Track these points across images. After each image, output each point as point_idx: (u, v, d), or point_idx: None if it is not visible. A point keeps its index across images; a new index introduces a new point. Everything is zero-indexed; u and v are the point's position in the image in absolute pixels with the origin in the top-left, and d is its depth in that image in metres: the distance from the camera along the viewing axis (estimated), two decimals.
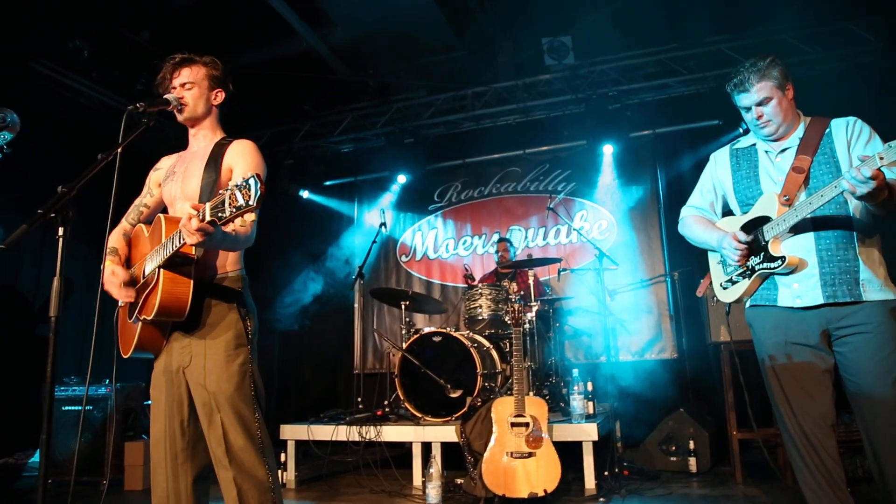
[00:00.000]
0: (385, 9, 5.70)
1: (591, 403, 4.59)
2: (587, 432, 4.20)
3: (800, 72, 5.76)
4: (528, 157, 7.36)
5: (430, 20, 5.88)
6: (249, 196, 1.76)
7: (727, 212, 2.67)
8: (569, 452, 4.09)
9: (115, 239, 2.50)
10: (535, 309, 5.16)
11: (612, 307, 6.12)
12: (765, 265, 2.38)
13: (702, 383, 5.95)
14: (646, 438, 4.98)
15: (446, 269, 7.49)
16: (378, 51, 6.59)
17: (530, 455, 3.78)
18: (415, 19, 5.92)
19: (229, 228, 2.12)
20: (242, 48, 6.28)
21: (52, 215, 2.04)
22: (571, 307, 6.41)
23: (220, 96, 2.53)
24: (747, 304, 2.55)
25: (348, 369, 7.48)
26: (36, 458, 5.55)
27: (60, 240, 2.06)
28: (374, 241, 5.94)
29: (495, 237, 7.21)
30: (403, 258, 7.69)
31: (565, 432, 4.24)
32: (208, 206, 1.89)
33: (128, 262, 2.48)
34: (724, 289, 2.57)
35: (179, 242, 2.06)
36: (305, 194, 7.99)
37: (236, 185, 1.80)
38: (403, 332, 5.29)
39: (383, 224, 6.08)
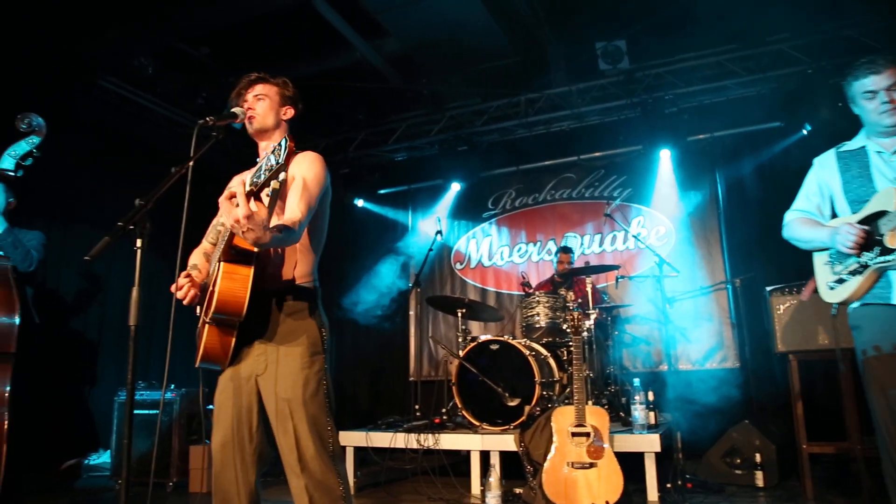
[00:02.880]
0: (438, 18, 5.74)
1: (652, 413, 4.51)
2: (649, 443, 4.12)
3: None
4: (582, 162, 7.29)
5: (483, 28, 5.90)
6: (280, 155, 1.79)
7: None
8: (630, 463, 4.01)
9: (195, 256, 2.56)
10: (593, 317, 5.09)
11: (672, 315, 6.00)
12: (881, 259, 2.28)
13: (766, 394, 5.76)
14: (708, 450, 4.85)
15: (501, 276, 7.47)
16: (431, 59, 6.65)
17: (591, 466, 3.72)
18: (467, 27, 5.95)
19: (284, 220, 2.15)
20: (298, 61, 6.43)
21: (131, 227, 2.12)
22: (629, 315, 6.31)
23: (289, 112, 2.58)
24: (854, 305, 2.45)
25: (403, 376, 7.53)
26: (97, 459, 5.77)
27: (138, 252, 2.11)
28: (431, 250, 5.96)
29: (550, 244, 7.17)
30: (458, 265, 7.71)
31: (627, 443, 4.17)
32: (249, 176, 1.93)
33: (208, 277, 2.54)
34: (832, 289, 2.48)
35: (229, 233, 2.08)
36: (360, 203, 8.11)
37: (271, 150, 1.84)
38: (460, 339, 5.29)
39: (439, 232, 6.09)
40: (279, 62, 6.25)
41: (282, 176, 1.83)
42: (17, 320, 3.19)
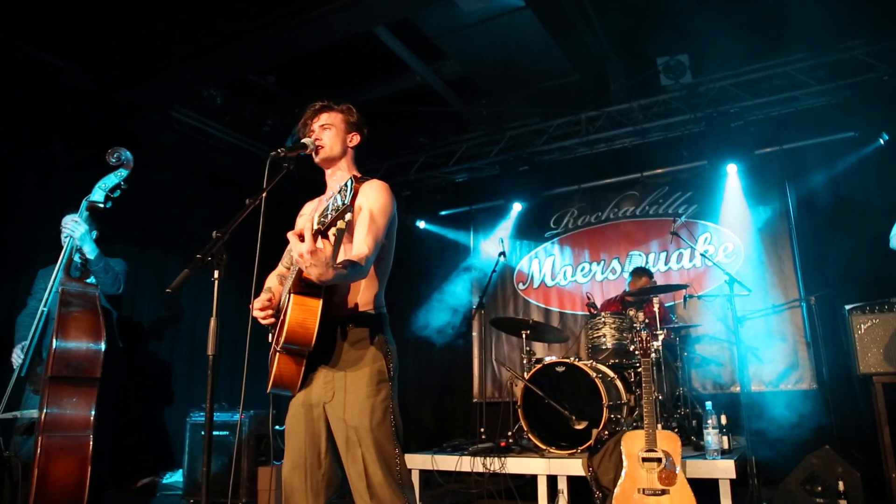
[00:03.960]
0: (496, 39, 5.80)
1: (725, 438, 4.35)
2: (724, 469, 3.98)
3: None
4: (645, 179, 7.17)
5: (542, 47, 5.93)
6: (346, 196, 1.82)
7: None
8: (702, 490, 3.88)
9: (270, 280, 2.63)
10: (661, 337, 4.97)
11: (743, 334, 5.79)
12: None
13: (847, 418, 5.48)
14: (786, 477, 4.63)
15: (565, 296, 7.39)
16: (490, 80, 6.71)
17: (664, 493, 3.62)
18: (526, 47, 5.99)
19: (352, 255, 2.20)
20: (360, 86, 6.60)
21: (209, 259, 2.20)
22: (698, 335, 6.13)
23: (355, 139, 2.64)
24: None
25: (467, 398, 7.52)
26: (170, 478, 5.95)
27: (216, 282, 2.18)
28: (494, 271, 5.96)
29: (615, 263, 7.06)
30: (521, 286, 7.67)
31: (699, 468, 4.04)
32: (316, 215, 1.97)
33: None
34: None
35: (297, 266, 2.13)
36: (422, 224, 8.18)
37: (339, 190, 1.87)
38: (524, 361, 5.25)
39: (503, 253, 6.08)
40: (341, 89, 6.43)
41: (348, 216, 1.87)
42: (102, 346, 3.35)
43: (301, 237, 1.96)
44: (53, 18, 4.89)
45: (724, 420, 4.40)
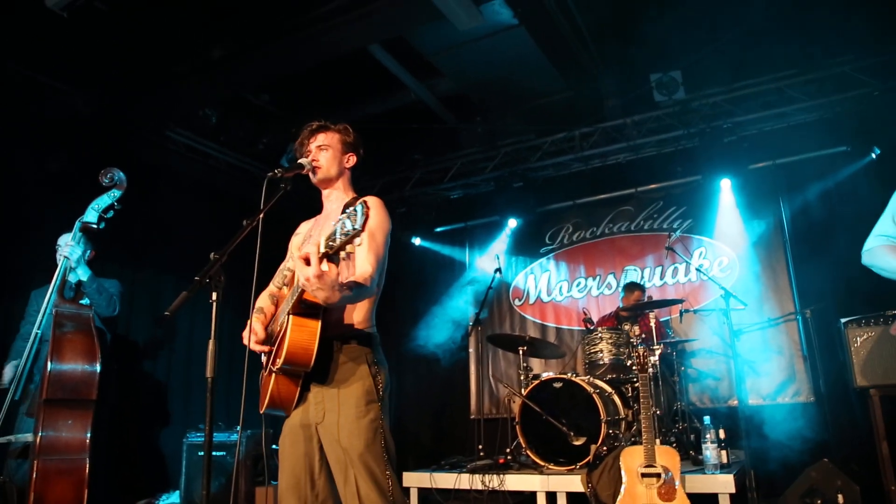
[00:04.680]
0: (489, 57, 5.84)
1: (724, 452, 4.35)
2: (723, 483, 3.97)
3: None
4: (640, 195, 7.20)
5: (535, 65, 5.96)
6: (356, 220, 1.83)
7: None
8: None
9: (262, 300, 2.63)
10: (657, 352, 4.98)
11: (739, 348, 5.80)
12: None
13: (845, 430, 5.48)
14: (785, 490, 4.62)
15: (561, 311, 7.38)
16: (484, 97, 6.75)
17: None
18: (519, 65, 6.02)
19: (357, 276, 2.20)
20: (354, 104, 6.62)
21: (207, 281, 2.20)
22: (694, 349, 6.14)
23: (352, 160, 2.66)
24: None
25: (465, 415, 7.48)
26: (167, 499, 5.88)
27: (214, 305, 2.18)
28: (490, 287, 5.96)
29: (610, 278, 7.08)
30: (517, 301, 7.67)
31: (698, 483, 4.03)
32: (323, 238, 1.96)
33: (272, 320, 2.61)
34: None
35: (300, 288, 2.12)
36: (417, 241, 8.19)
37: (346, 214, 1.87)
38: (522, 377, 5.24)
39: (499, 269, 6.09)
40: (336, 106, 6.46)
41: (358, 241, 1.88)
42: (98, 368, 3.33)
43: (307, 261, 1.97)
44: (48, 40, 4.91)
45: (722, 434, 4.40)
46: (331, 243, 1.93)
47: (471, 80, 6.33)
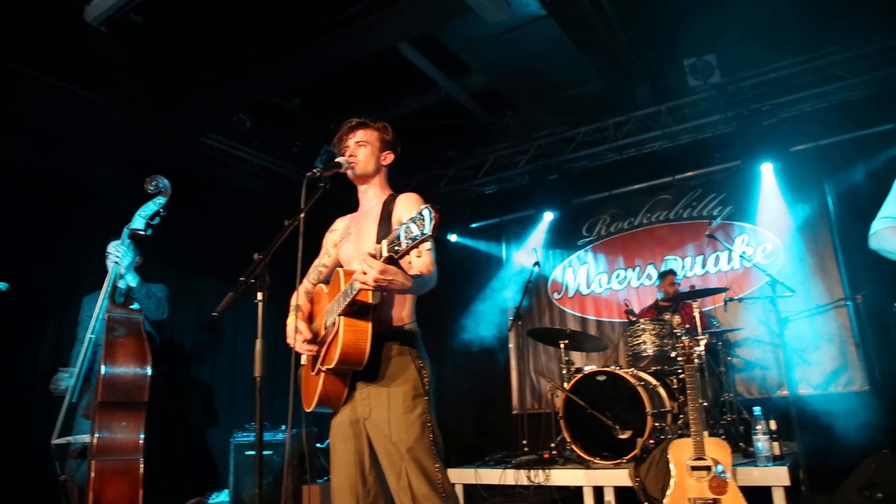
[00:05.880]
0: (518, 49, 5.78)
1: (776, 444, 4.24)
2: (777, 476, 3.87)
3: None
4: (677, 183, 7.07)
5: (565, 55, 5.88)
6: (423, 225, 1.81)
7: None
8: (755, 498, 3.78)
9: (298, 297, 2.65)
10: (702, 342, 4.88)
11: (787, 336, 5.65)
12: None
13: None
14: (842, 483, 4.48)
15: (601, 304, 7.30)
16: (515, 90, 6.70)
17: (715, 501, 3.53)
18: (549, 56, 5.95)
19: (414, 270, 2.21)
20: (384, 103, 6.64)
21: (252, 281, 2.23)
22: (739, 338, 6.02)
23: (389, 157, 2.67)
24: None
25: (506, 410, 7.46)
26: (217, 498, 5.99)
27: (260, 304, 2.22)
28: (529, 281, 5.92)
29: (650, 269, 6.97)
30: (556, 295, 7.61)
31: (751, 476, 3.93)
32: (385, 242, 1.96)
33: (310, 319, 2.63)
34: None
35: (356, 290, 2.14)
36: (454, 238, 8.19)
37: (411, 218, 1.86)
38: (563, 371, 5.20)
39: (537, 263, 6.05)
40: (366, 107, 6.48)
41: (427, 245, 1.87)
42: (149, 371, 3.41)
43: (368, 263, 1.99)
44: (87, 54, 5.02)
45: (773, 425, 4.29)
46: (396, 247, 1.92)
47: (501, 73, 6.29)
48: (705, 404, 4.69)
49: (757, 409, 4.31)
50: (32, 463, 4.49)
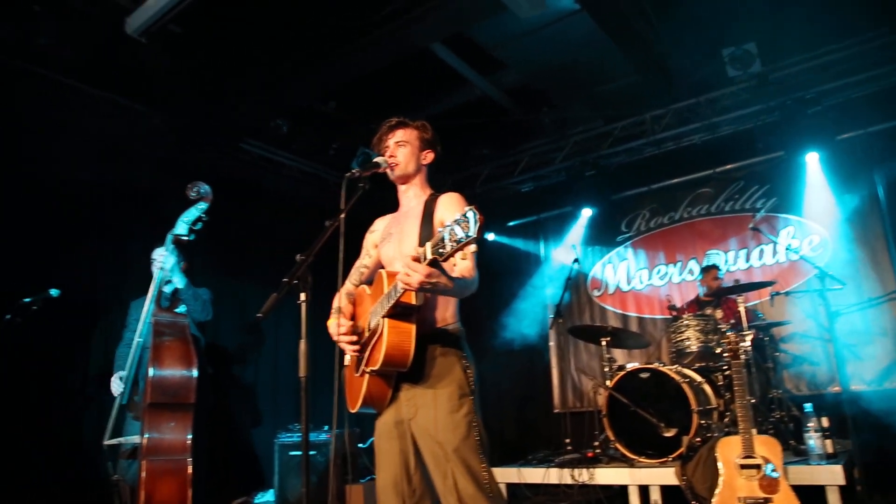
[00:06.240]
0: (552, 44, 5.72)
1: (829, 441, 4.11)
2: (831, 475, 3.76)
3: None
4: (718, 176, 6.91)
5: (600, 49, 5.80)
6: (468, 227, 1.78)
7: None
8: (809, 498, 3.67)
9: (340, 299, 2.65)
10: (749, 338, 4.76)
11: (837, 330, 5.47)
12: None
13: None
14: None
15: (642, 300, 7.19)
16: (550, 86, 6.64)
17: (766, 501, 3.44)
18: (584, 50, 5.88)
19: (456, 273, 2.19)
20: (419, 103, 6.64)
21: (295, 282, 2.25)
22: (787, 333, 5.86)
23: (429, 156, 2.66)
24: None
25: (547, 409, 7.40)
26: (262, 497, 6.08)
27: (303, 305, 2.24)
28: (569, 278, 5.87)
29: (692, 264, 6.84)
30: (595, 293, 7.52)
31: (803, 475, 3.83)
32: (429, 245, 1.94)
33: (352, 320, 2.63)
34: None
35: (400, 292, 2.13)
36: (491, 237, 8.15)
37: (455, 220, 1.83)
38: (606, 369, 5.14)
39: (577, 260, 5.99)
40: (400, 108, 6.45)
41: (472, 248, 1.84)
42: (195, 373, 3.48)
43: (412, 267, 1.99)
44: (127, 63, 5.13)
45: (826, 422, 4.16)
46: (440, 250, 1.90)
47: (535, 69, 6.24)
48: (753, 401, 4.57)
49: (808, 406, 4.19)
50: (86, 464, 4.63)
